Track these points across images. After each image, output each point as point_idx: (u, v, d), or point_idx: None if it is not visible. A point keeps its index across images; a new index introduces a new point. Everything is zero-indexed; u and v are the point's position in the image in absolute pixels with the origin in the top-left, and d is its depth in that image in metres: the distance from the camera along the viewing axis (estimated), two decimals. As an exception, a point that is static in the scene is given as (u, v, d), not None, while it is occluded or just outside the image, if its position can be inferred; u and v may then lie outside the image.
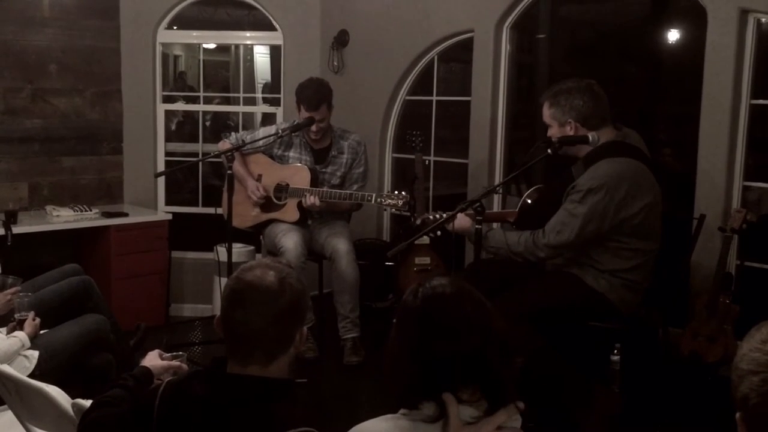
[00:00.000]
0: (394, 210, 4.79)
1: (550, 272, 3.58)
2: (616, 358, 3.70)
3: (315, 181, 4.68)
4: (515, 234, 3.56)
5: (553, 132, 3.59)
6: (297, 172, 4.73)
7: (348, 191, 4.62)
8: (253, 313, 1.81)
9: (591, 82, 3.58)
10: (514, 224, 3.87)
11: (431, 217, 3.83)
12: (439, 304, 1.72)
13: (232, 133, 4.99)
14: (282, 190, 4.75)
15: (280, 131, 4.68)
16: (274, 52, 6.91)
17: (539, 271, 3.64)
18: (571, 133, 3.51)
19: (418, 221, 3.98)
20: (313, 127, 4.66)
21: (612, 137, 3.51)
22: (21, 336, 3.34)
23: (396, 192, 4.38)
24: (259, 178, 4.82)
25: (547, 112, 3.60)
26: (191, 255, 5.83)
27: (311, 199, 4.52)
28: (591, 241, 3.42)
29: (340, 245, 4.62)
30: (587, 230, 3.37)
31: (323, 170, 4.79)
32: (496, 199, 5.03)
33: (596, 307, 3.45)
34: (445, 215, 3.74)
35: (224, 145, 4.78)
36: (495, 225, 4.57)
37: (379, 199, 4.40)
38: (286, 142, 4.80)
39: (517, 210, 3.89)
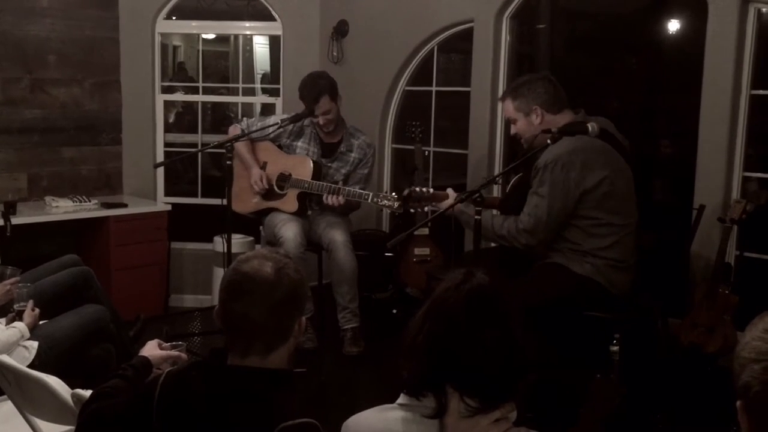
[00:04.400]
0: (389, 211, 4.77)
1: (537, 266, 3.59)
2: (615, 348, 3.70)
3: (317, 174, 4.66)
4: (501, 218, 3.62)
5: (520, 125, 3.67)
6: (300, 163, 4.72)
7: (345, 188, 4.59)
8: (251, 305, 1.81)
9: (546, 73, 3.73)
10: (498, 209, 3.91)
11: (418, 189, 3.86)
12: (483, 303, 1.69)
13: (244, 119, 5.00)
14: (285, 179, 4.74)
15: (279, 122, 4.68)
16: (274, 42, 6.90)
17: (532, 261, 3.65)
18: (537, 120, 3.60)
19: (405, 192, 3.99)
20: (320, 120, 4.65)
21: (570, 119, 3.59)
22: (20, 326, 3.35)
23: (393, 194, 4.35)
24: (264, 166, 4.81)
25: (510, 107, 3.68)
26: (190, 246, 5.83)
27: (332, 199, 4.50)
28: (562, 220, 3.46)
29: (337, 236, 4.61)
30: (555, 207, 3.42)
31: (329, 164, 4.78)
32: (496, 189, 5.02)
33: (588, 293, 3.45)
34: (432, 191, 3.80)
35: (234, 129, 4.79)
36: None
37: (375, 199, 4.37)
38: (296, 132, 4.79)
39: (503, 195, 3.94)
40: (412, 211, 4.65)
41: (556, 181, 3.40)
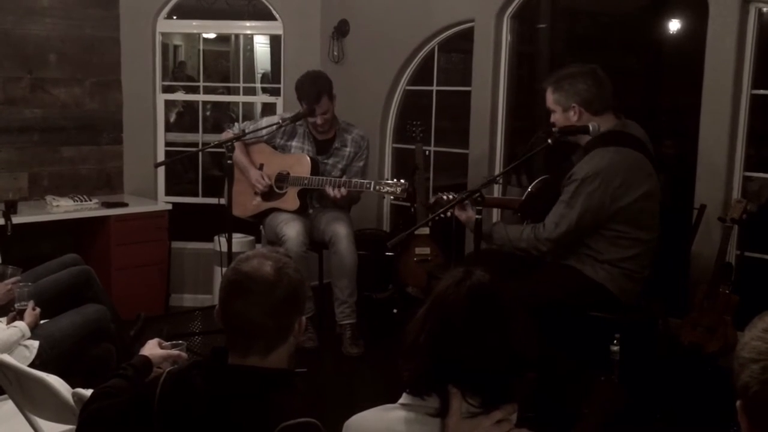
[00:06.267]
0: (392, 198, 4.76)
1: (548, 264, 3.57)
2: (615, 348, 3.70)
3: (315, 170, 4.67)
4: (517, 229, 3.55)
5: (557, 117, 3.57)
6: (298, 160, 4.73)
7: (345, 179, 4.60)
8: (251, 305, 1.81)
9: (594, 67, 3.56)
10: (517, 212, 3.86)
11: (445, 197, 3.81)
12: (484, 300, 1.69)
13: (236, 124, 5.00)
14: (283, 179, 4.75)
15: (280, 122, 4.68)
16: (274, 41, 6.89)
17: (538, 262, 3.64)
18: (575, 118, 3.49)
19: (432, 200, 3.96)
20: (318, 120, 4.65)
21: (612, 126, 3.50)
22: (21, 326, 3.34)
23: (395, 180, 4.36)
24: (261, 168, 4.82)
25: (550, 98, 3.57)
26: (191, 245, 5.83)
27: (335, 191, 4.50)
28: (589, 231, 3.42)
29: (340, 229, 4.62)
30: (585, 220, 3.37)
31: (325, 161, 4.79)
32: (497, 189, 5.02)
33: (595, 297, 3.44)
34: (455, 196, 3.75)
35: (227, 134, 4.78)
36: (496, 212, 4.56)
37: (377, 187, 4.38)
38: (289, 132, 4.80)
39: (522, 198, 3.88)
40: (436, 218, 4.66)
41: (592, 195, 3.34)
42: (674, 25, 5.65)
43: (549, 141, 3.35)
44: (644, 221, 3.44)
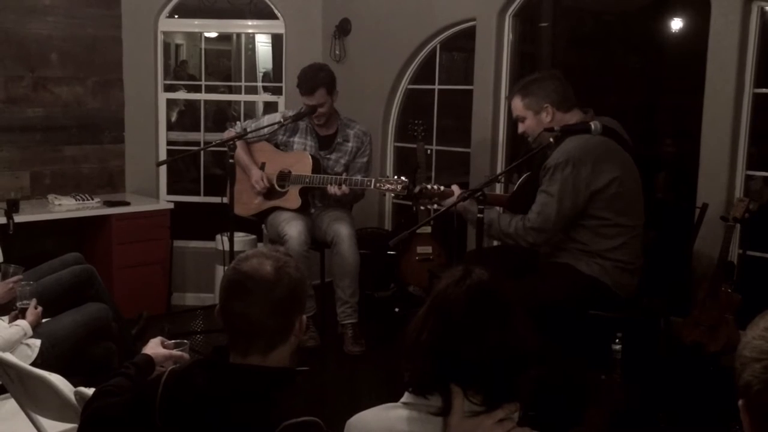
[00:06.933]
0: (392, 195, 4.75)
1: (545, 264, 3.58)
2: (617, 347, 3.70)
3: (316, 168, 4.67)
4: (507, 216, 3.59)
5: (528, 124, 3.63)
6: (299, 159, 4.73)
7: (346, 177, 4.61)
8: (251, 304, 1.81)
9: (554, 71, 3.68)
10: (506, 208, 3.89)
11: (429, 187, 3.84)
12: (484, 297, 1.70)
13: (238, 123, 5.00)
14: (285, 178, 4.75)
15: (282, 120, 4.68)
16: (276, 40, 6.90)
17: (536, 261, 3.65)
18: (548, 119, 3.56)
19: (416, 189, 3.99)
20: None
21: (579, 119, 3.56)
22: (23, 325, 3.35)
23: (396, 177, 4.36)
24: (262, 167, 4.82)
25: (519, 105, 3.63)
26: (193, 244, 5.83)
27: (335, 189, 4.51)
28: (571, 218, 3.44)
29: (342, 229, 4.62)
30: (564, 207, 3.39)
31: (327, 156, 4.79)
32: (498, 188, 5.02)
33: (594, 294, 3.45)
34: (442, 188, 3.77)
35: (229, 134, 4.78)
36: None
37: (378, 184, 4.39)
38: (291, 128, 4.80)
39: (510, 193, 3.92)
40: (422, 208, 4.66)
41: (566, 180, 3.37)
42: (676, 24, 5.66)
43: (551, 140, 3.36)
44: (622, 207, 3.46)
